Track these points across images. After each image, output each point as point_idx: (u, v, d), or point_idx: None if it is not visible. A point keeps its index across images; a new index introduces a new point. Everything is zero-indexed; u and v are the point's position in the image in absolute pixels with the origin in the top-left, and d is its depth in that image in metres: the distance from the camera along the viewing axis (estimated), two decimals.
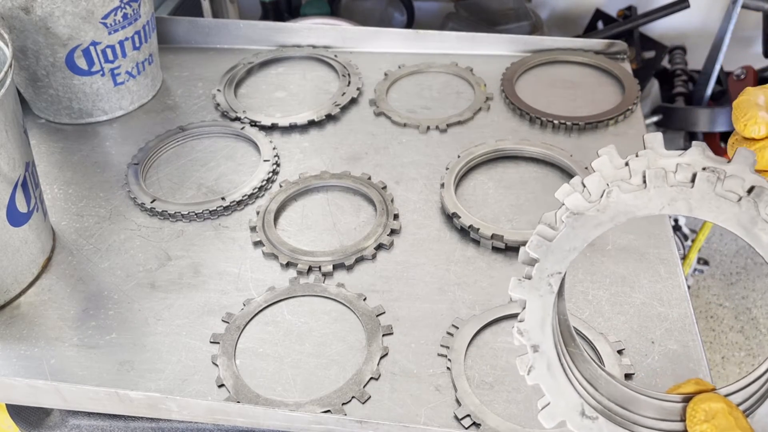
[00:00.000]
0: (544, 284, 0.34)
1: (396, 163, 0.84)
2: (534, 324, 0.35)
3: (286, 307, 0.68)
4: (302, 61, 1.04)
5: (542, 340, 0.35)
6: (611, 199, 0.33)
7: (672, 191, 0.32)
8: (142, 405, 0.58)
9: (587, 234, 0.34)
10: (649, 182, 0.32)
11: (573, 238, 0.34)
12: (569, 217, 0.33)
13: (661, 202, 0.32)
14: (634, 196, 0.33)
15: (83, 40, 0.87)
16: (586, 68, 0.98)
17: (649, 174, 0.32)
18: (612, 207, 0.33)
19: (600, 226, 0.33)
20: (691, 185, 0.32)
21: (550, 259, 0.34)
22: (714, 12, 1.60)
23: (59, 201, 0.82)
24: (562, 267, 0.34)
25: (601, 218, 0.33)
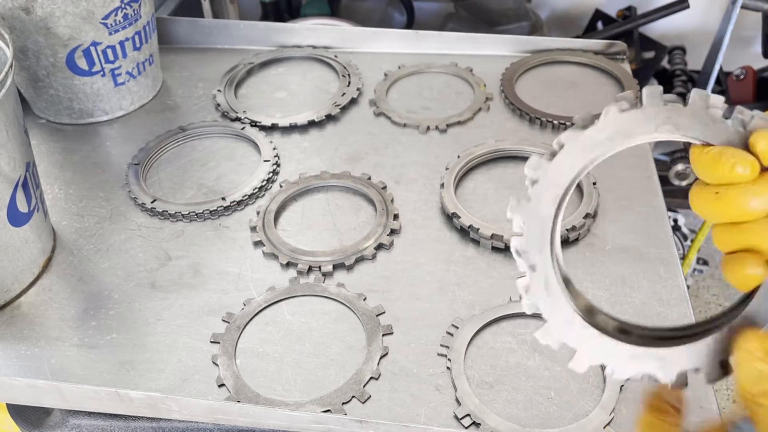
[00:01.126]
0: (543, 204, 0.34)
1: (396, 163, 0.84)
2: (532, 244, 0.35)
3: (287, 307, 0.68)
4: (302, 62, 1.05)
5: (539, 261, 0.35)
6: (608, 117, 0.33)
7: (666, 110, 0.33)
8: (142, 405, 0.58)
9: (586, 155, 0.34)
10: (645, 100, 0.33)
11: (572, 157, 0.34)
12: (569, 135, 0.34)
13: (656, 122, 0.33)
14: (630, 114, 0.33)
15: (84, 40, 0.87)
16: (586, 68, 0.98)
17: (645, 92, 0.33)
18: (609, 126, 0.33)
19: (598, 146, 0.34)
20: (684, 103, 0.33)
21: (548, 178, 0.34)
22: (713, 12, 1.61)
23: (60, 201, 0.82)
24: (561, 187, 0.34)
25: (598, 137, 0.34)
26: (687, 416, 0.36)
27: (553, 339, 0.36)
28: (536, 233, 0.34)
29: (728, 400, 1.51)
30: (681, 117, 0.33)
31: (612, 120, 0.33)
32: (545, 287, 0.35)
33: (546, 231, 0.35)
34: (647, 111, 0.33)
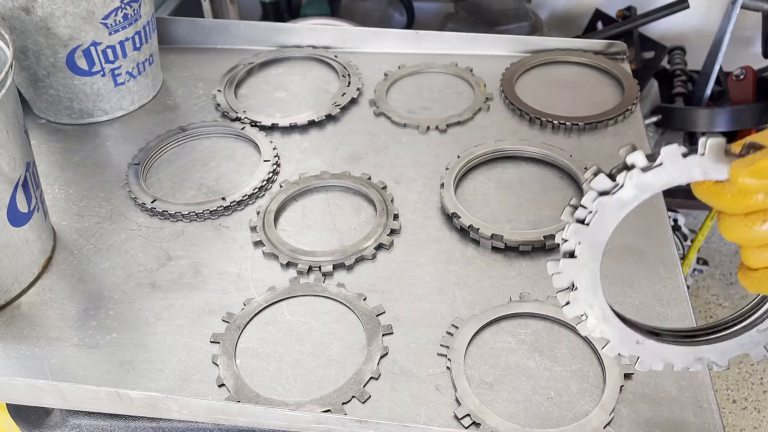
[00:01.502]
0: (590, 259, 0.40)
1: (396, 163, 0.84)
2: (586, 291, 0.41)
3: (287, 306, 0.68)
4: (302, 62, 1.05)
5: (594, 302, 0.42)
6: (633, 180, 0.36)
7: (685, 162, 0.36)
8: (142, 404, 0.58)
9: (617, 214, 0.38)
10: (665, 158, 0.36)
11: (606, 218, 0.38)
12: (600, 201, 0.37)
13: (676, 175, 0.36)
14: (652, 173, 0.36)
15: (84, 40, 0.87)
16: (586, 68, 0.98)
17: (664, 153, 0.36)
18: (634, 187, 0.37)
19: (628, 204, 0.37)
20: (703, 153, 0.35)
21: (590, 239, 0.39)
22: (713, 12, 1.61)
23: (60, 201, 0.82)
24: (602, 242, 0.39)
25: (626, 198, 0.37)
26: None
27: (617, 352, 0.44)
28: (589, 283, 0.41)
29: (728, 400, 1.51)
30: (701, 165, 0.36)
31: (636, 181, 0.37)
32: (604, 318, 0.43)
33: (596, 278, 0.41)
34: (667, 168, 0.36)
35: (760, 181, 0.34)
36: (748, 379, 1.55)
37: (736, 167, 0.34)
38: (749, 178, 0.34)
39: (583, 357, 0.61)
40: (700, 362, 0.45)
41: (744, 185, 0.34)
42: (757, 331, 0.42)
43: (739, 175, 0.34)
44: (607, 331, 0.43)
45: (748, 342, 0.43)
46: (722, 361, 0.44)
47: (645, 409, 0.57)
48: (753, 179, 0.34)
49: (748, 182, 0.34)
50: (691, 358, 0.45)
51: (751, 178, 0.34)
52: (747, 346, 0.43)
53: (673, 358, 0.45)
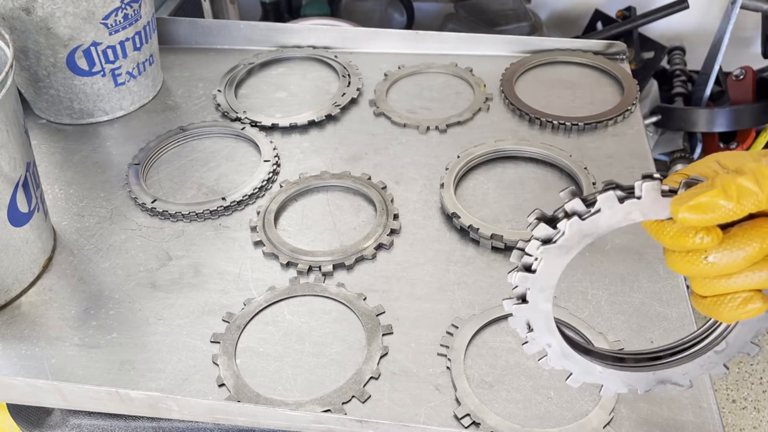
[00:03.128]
0: (541, 302, 0.41)
1: (396, 163, 0.84)
2: (543, 331, 0.42)
3: (287, 306, 0.68)
4: (302, 62, 1.05)
5: (552, 340, 0.43)
6: (573, 228, 0.37)
7: (623, 207, 0.36)
8: (142, 404, 0.58)
9: (562, 259, 0.39)
10: (603, 205, 0.37)
11: (551, 264, 0.39)
12: (543, 249, 0.38)
13: (617, 219, 0.37)
14: (592, 219, 0.37)
15: (84, 40, 0.87)
16: (586, 69, 0.99)
17: (601, 199, 0.37)
18: (576, 234, 0.38)
19: (570, 250, 0.39)
20: (640, 196, 0.36)
21: (538, 284, 0.40)
22: (713, 12, 1.61)
23: (60, 201, 0.82)
24: (551, 288, 0.40)
25: (569, 244, 0.38)
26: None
27: (581, 383, 0.45)
28: (542, 323, 0.42)
29: (728, 400, 1.51)
30: (640, 208, 0.36)
31: (576, 229, 0.38)
32: (563, 355, 0.44)
33: (549, 319, 0.42)
34: (605, 214, 0.37)
35: (699, 216, 0.34)
36: (748, 378, 1.55)
37: (675, 205, 0.35)
38: (689, 214, 0.34)
39: None
40: (662, 384, 0.46)
41: (685, 221, 0.34)
42: (714, 353, 0.43)
43: (678, 211, 0.35)
44: (568, 365, 0.45)
45: (707, 363, 0.44)
46: (684, 381, 0.45)
47: (645, 409, 0.57)
48: (693, 215, 0.34)
49: (689, 218, 0.34)
50: (653, 381, 0.46)
51: (691, 214, 0.34)
52: (706, 366, 0.44)
53: (636, 382, 0.46)
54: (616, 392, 0.46)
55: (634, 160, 0.82)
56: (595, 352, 0.46)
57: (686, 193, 0.35)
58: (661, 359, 0.46)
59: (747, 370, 1.57)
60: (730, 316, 0.37)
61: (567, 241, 0.38)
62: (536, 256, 0.39)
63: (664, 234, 0.37)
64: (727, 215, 0.34)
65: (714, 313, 0.38)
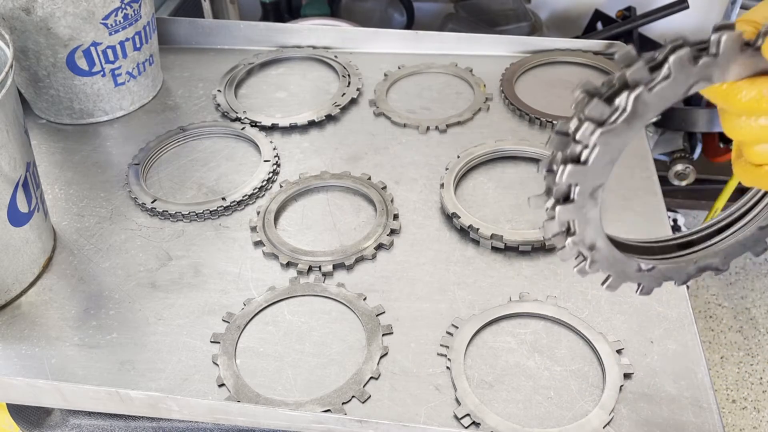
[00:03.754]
0: (589, 201, 0.35)
1: (396, 163, 0.84)
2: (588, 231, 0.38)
3: (287, 306, 0.68)
4: (302, 62, 1.05)
5: (596, 238, 0.38)
6: (639, 101, 0.31)
7: (698, 69, 0.31)
8: (142, 404, 0.58)
9: (622, 142, 0.33)
10: (674, 69, 0.30)
11: (608, 152, 0.33)
12: (601, 135, 0.32)
13: (687, 84, 0.31)
14: (659, 89, 0.31)
15: (84, 40, 0.87)
16: (586, 69, 0.99)
17: (672, 60, 0.30)
18: (641, 108, 0.31)
19: (633, 132, 0.32)
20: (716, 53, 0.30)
21: (590, 179, 0.34)
22: (713, 12, 1.61)
23: (60, 201, 0.82)
24: (604, 179, 0.34)
25: (633, 123, 0.32)
26: None
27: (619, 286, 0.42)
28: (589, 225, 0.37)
29: (728, 400, 1.51)
30: (718, 69, 0.31)
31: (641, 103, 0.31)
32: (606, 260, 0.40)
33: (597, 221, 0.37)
34: (677, 79, 0.31)
35: None
36: (748, 378, 1.55)
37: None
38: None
39: (582, 357, 0.61)
40: (701, 271, 0.43)
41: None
42: (758, 229, 0.41)
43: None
44: (609, 267, 0.40)
45: (750, 240, 0.42)
46: (724, 265, 0.43)
47: (645, 409, 0.57)
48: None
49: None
50: (693, 269, 0.43)
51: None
52: (749, 244, 0.42)
53: (674, 274, 0.43)
54: (653, 290, 0.43)
55: (634, 160, 0.82)
56: (637, 248, 0.43)
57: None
58: (705, 240, 0.43)
59: (747, 371, 1.57)
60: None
61: (629, 120, 0.31)
62: (589, 142, 0.32)
63: (736, 99, 0.31)
64: None
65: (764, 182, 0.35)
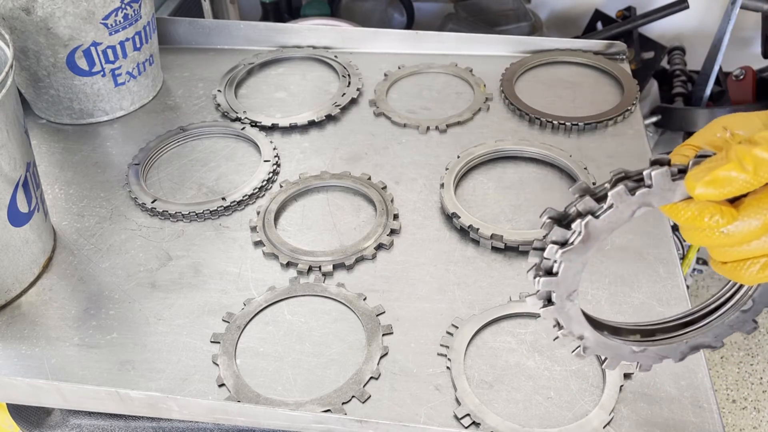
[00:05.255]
0: (567, 303, 0.42)
1: (396, 163, 0.84)
2: (571, 326, 0.43)
3: (287, 306, 0.68)
4: (302, 62, 1.05)
5: (583, 331, 0.44)
6: (589, 228, 0.38)
7: (635, 199, 0.37)
8: (142, 404, 0.58)
9: (582, 258, 0.39)
10: (615, 201, 0.37)
11: (572, 265, 0.40)
12: (561, 253, 0.39)
13: (631, 211, 0.37)
14: (605, 216, 0.37)
15: (84, 40, 0.87)
16: (586, 69, 0.99)
17: (612, 195, 0.37)
18: (591, 233, 0.38)
19: (588, 248, 0.39)
20: (650, 184, 0.36)
21: (562, 286, 0.41)
22: (713, 12, 1.61)
23: (60, 201, 0.82)
24: (576, 285, 0.41)
25: (587, 244, 0.39)
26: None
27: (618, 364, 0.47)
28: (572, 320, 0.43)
29: (728, 400, 1.51)
30: (652, 197, 0.36)
31: (591, 228, 0.38)
32: (596, 343, 0.45)
33: (579, 315, 0.43)
34: (618, 208, 0.37)
35: (716, 191, 0.34)
36: (748, 378, 1.55)
37: (691, 181, 0.35)
38: (705, 189, 0.34)
39: None
40: (695, 350, 0.46)
41: (702, 196, 0.34)
42: (741, 312, 0.44)
43: (694, 188, 0.35)
44: (603, 351, 0.46)
45: (736, 322, 0.45)
46: (717, 343, 0.46)
47: (645, 409, 0.57)
48: (709, 189, 0.34)
49: (706, 193, 0.34)
50: (686, 349, 0.46)
51: (707, 189, 0.34)
52: (736, 325, 0.45)
53: (669, 353, 0.46)
54: (652, 367, 0.47)
55: (634, 160, 0.82)
56: (625, 330, 0.46)
57: (700, 168, 0.35)
58: (690, 325, 0.46)
59: (747, 370, 1.57)
60: (753, 279, 0.37)
61: (584, 242, 0.38)
62: (555, 259, 0.39)
63: (679, 215, 0.36)
64: (743, 187, 0.34)
65: (736, 277, 0.38)
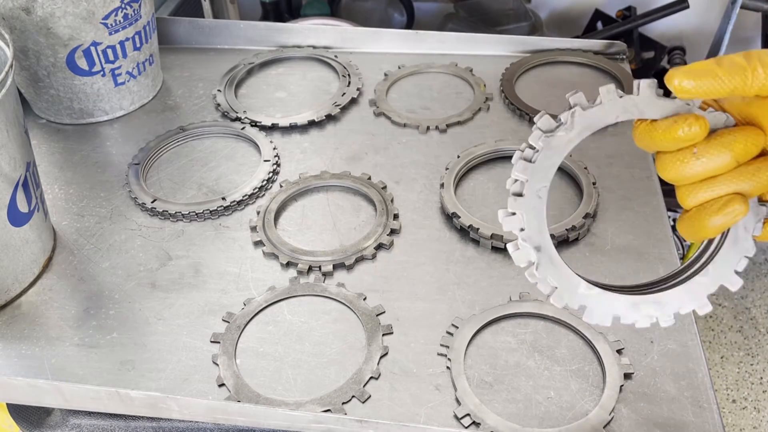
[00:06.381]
0: (535, 197, 0.41)
1: (396, 163, 0.84)
2: (533, 231, 0.42)
3: (287, 306, 0.68)
4: (302, 62, 1.05)
5: (541, 242, 0.42)
6: (575, 117, 0.40)
7: (621, 101, 0.39)
8: (142, 404, 0.58)
9: (562, 150, 0.40)
10: (604, 98, 0.40)
11: (551, 155, 0.40)
12: (544, 138, 0.40)
13: (615, 113, 0.39)
14: (592, 111, 0.40)
15: (84, 40, 0.87)
16: (586, 69, 0.99)
17: (602, 91, 0.39)
18: (577, 123, 0.40)
19: (571, 141, 0.40)
20: (637, 93, 0.39)
21: (536, 176, 0.40)
22: (713, 12, 1.61)
23: (60, 201, 0.82)
24: (547, 181, 0.41)
25: (570, 135, 0.40)
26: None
27: (564, 301, 0.43)
28: (534, 221, 0.41)
29: (728, 400, 1.51)
30: (636, 104, 0.39)
31: (578, 119, 0.40)
32: (551, 262, 0.42)
33: (542, 217, 0.41)
34: (606, 106, 0.40)
35: (694, 83, 0.35)
36: (748, 378, 1.55)
37: (671, 72, 0.36)
38: (685, 79, 0.35)
39: (583, 357, 0.61)
40: (647, 318, 0.44)
41: (680, 88, 0.35)
42: (699, 279, 0.44)
43: (674, 77, 0.36)
44: (554, 277, 0.43)
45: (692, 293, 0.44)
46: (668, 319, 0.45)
47: (645, 409, 0.57)
48: (689, 80, 0.35)
49: (685, 85, 0.35)
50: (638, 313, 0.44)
51: (687, 80, 0.35)
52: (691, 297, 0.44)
53: (621, 311, 0.44)
54: (598, 321, 0.44)
55: (634, 160, 0.82)
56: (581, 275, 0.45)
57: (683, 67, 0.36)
58: (649, 287, 0.46)
59: (747, 370, 1.57)
60: (712, 223, 0.38)
61: (568, 130, 0.40)
62: (537, 146, 0.40)
63: (655, 131, 0.38)
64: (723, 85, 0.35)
65: (697, 225, 0.38)
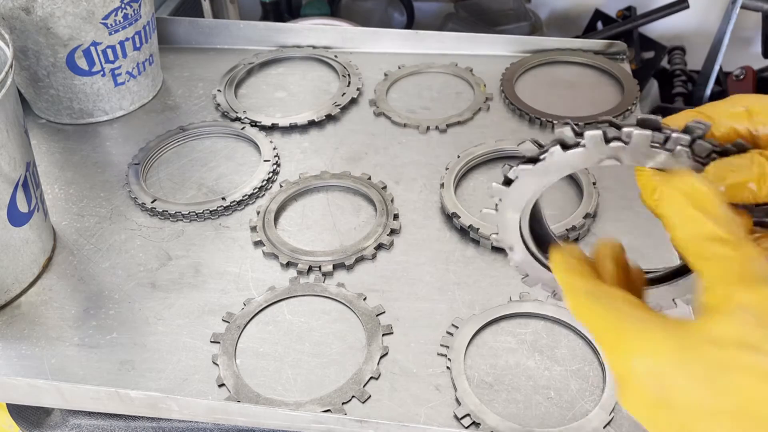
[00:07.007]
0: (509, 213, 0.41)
1: (396, 163, 0.84)
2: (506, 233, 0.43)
3: (287, 306, 0.68)
4: (302, 62, 1.05)
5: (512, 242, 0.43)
6: (554, 156, 0.37)
7: (608, 148, 0.36)
8: (142, 404, 0.58)
9: (537, 182, 0.39)
10: (588, 143, 0.36)
11: (526, 184, 0.39)
12: (521, 168, 0.39)
13: (599, 157, 0.36)
14: (575, 152, 0.37)
15: (84, 40, 0.87)
16: (586, 68, 0.98)
17: (588, 136, 0.36)
18: (555, 163, 0.37)
19: (547, 176, 0.38)
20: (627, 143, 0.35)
21: (509, 199, 0.41)
22: (713, 12, 1.61)
23: (60, 201, 0.82)
24: (520, 205, 0.41)
25: (546, 171, 0.38)
26: None
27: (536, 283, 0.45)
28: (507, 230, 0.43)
29: None
30: (625, 154, 0.36)
31: (557, 158, 0.37)
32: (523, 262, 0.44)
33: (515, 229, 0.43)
34: (589, 151, 0.36)
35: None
36: None
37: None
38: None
39: (583, 357, 0.61)
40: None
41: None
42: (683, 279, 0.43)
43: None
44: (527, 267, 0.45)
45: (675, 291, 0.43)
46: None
47: None
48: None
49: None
50: None
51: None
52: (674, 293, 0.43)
53: None
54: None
55: None
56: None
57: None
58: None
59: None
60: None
61: (545, 167, 0.38)
62: (516, 174, 0.39)
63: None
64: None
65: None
